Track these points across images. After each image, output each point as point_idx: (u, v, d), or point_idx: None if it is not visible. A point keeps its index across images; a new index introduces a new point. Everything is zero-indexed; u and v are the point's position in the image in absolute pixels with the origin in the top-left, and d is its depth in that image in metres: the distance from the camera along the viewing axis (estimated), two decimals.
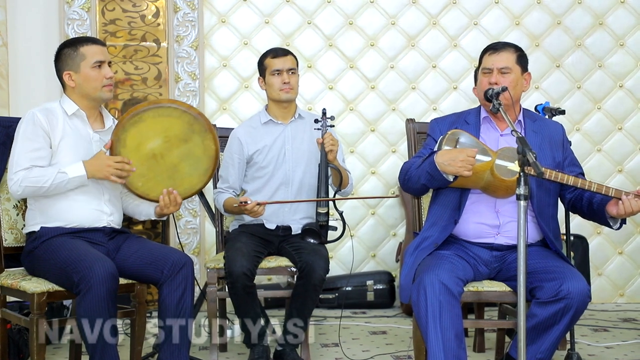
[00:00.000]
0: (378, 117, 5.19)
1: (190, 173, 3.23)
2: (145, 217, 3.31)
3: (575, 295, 2.81)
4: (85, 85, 3.12)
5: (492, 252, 3.08)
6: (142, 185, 3.16)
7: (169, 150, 3.17)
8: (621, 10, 5.24)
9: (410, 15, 5.19)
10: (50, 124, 3.07)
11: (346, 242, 4.96)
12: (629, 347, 4.00)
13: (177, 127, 3.17)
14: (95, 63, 3.11)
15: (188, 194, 3.27)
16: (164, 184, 3.17)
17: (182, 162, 3.20)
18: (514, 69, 3.10)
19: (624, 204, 2.89)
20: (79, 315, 2.87)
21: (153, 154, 3.15)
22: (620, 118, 5.27)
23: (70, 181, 3.01)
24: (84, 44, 3.14)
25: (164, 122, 3.16)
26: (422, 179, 3.02)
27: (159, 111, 3.16)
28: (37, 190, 3.00)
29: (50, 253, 3.00)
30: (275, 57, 3.70)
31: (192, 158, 3.21)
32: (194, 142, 3.20)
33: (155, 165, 3.16)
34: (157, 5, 4.89)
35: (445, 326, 2.80)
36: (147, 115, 3.13)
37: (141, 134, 3.13)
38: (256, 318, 3.55)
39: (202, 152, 3.22)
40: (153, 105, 3.19)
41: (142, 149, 3.13)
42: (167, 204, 3.18)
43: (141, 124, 3.12)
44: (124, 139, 3.10)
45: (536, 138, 3.12)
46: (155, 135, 3.15)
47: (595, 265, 5.19)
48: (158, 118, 3.15)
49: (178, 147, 3.18)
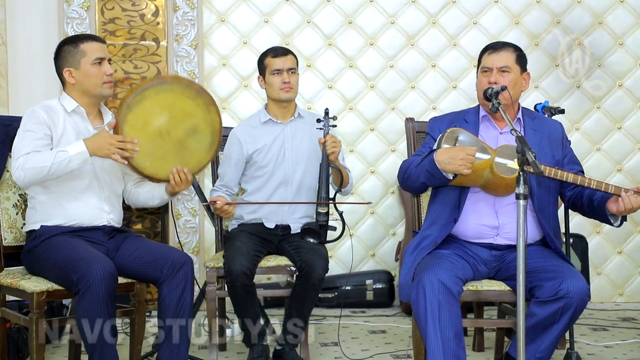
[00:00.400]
0: (377, 116, 5.19)
1: (197, 148, 3.22)
2: (159, 200, 3.28)
3: (574, 295, 2.81)
4: (85, 81, 3.11)
5: (491, 252, 3.08)
6: (151, 165, 3.12)
7: (175, 126, 3.15)
8: (620, 9, 5.24)
9: (410, 15, 5.19)
10: (51, 119, 3.07)
11: (345, 242, 4.95)
12: (628, 347, 4.00)
13: (181, 102, 3.15)
14: (96, 60, 3.11)
15: (196, 169, 3.26)
16: (172, 161, 3.15)
17: (188, 138, 3.18)
18: (513, 69, 3.11)
19: (623, 201, 2.89)
20: (78, 315, 2.87)
21: (159, 131, 3.13)
22: (620, 117, 5.27)
23: (72, 159, 2.94)
24: (84, 41, 3.14)
25: (168, 98, 3.13)
26: (421, 177, 3.02)
27: (162, 87, 3.14)
28: (40, 171, 2.93)
29: (49, 252, 3.00)
30: (276, 57, 3.70)
31: (198, 133, 3.20)
32: (199, 117, 3.19)
33: (162, 142, 3.14)
34: (157, 4, 4.89)
35: (445, 325, 2.80)
36: (150, 92, 3.11)
37: (146, 112, 3.10)
38: (255, 317, 3.55)
39: (207, 126, 3.22)
40: (156, 82, 3.18)
41: (149, 127, 3.10)
42: (178, 182, 3.16)
43: (145, 102, 3.10)
44: (129, 118, 3.06)
45: (535, 136, 3.12)
46: (161, 111, 3.12)
47: (595, 264, 5.19)
48: (162, 94, 3.12)
49: (183, 123, 3.16)
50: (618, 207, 2.91)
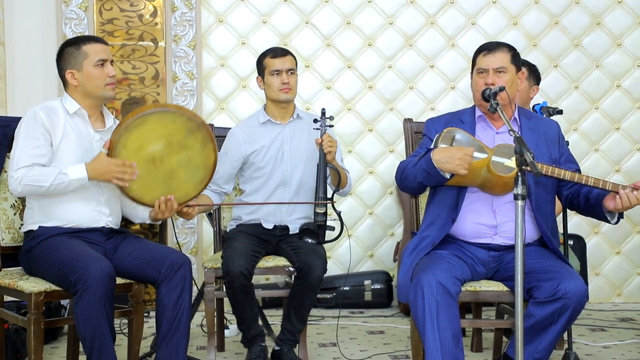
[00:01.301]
0: (376, 116, 5.20)
1: (187, 180, 3.20)
2: (141, 220, 3.30)
3: (572, 295, 2.81)
4: (88, 83, 3.11)
5: (489, 252, 3.08)
6: (137, 189, 3.11)
7: (169, 155, 3.14)
8: (618, 10, 5.25)
9: (408, 15, 5.19)
10: (51, 122, 3.06)
11: (344, 242, 4.96)
12: (626, 347, 4.00)
13: (180, 134, 3.14)
14: (98, 61, 3.10)
15: (182, 200, 3.23)
16: (159, 188, 3.15)
17: (179, 169, 3.17)
18: (509, 69, 3.11)
19: (621, 198, 2.89)
20: (76, 315, 2.87)
21: (153, 157, 3.12)
22: (618, 118, 5.27)
23: (71, 183, 2.99)
24: (87, 42, 3.13)
25: (168, 127, 3.12)
26: (418, 177, 3.02)
27: (164, 115, 3.12)
28: (37, 189, 2.98)
29: (47, 253, 2.99)
30: (275, 57, 3.69)
31: (191, 166, 3.18)
32: (194, 150, 3.17)
33: (154, 169, 3.13)
34: (155, 5, 4.89)
35: (443, 326, 2.80)
36: (151, 118, 3.09)
37: (143, 137, 3.09)
38: (254, 318, 3.55)
39: (201, 162, 3.20)
40: (159, 109, 3.16)
41: (143, 152, 3.09)
42: (162, 210, 3.16)
43: (145, 127, 3.08)
44: (125, 139, 3.06)
45: (532, 135, 3.12)
46: (158, 139, 3.11)
47: (593, 265, 5.19)
48: (162, 122, 3.11)
49: (178, 154, 3.15)
50: (615, 204, 2.92)
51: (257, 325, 3.58)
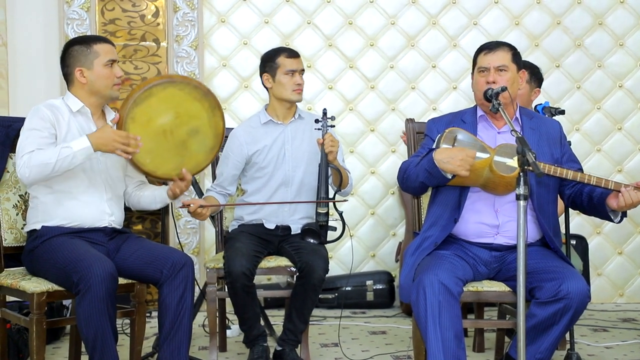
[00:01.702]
0: (378, 117, 5.20)
1: (198, 150, 3.21)
2: (162, 203, 3.27)
3: (574, 296, 2.81)
4: (97, 82, 3.11)
5: (491, 252, 3.08)
6: (150, 162, 3.11)
7: (179, 126, 3.14)
8: (621, 10, 5.25)
9: (410, 15, 5.19)
10: (56, 118, 3.07)
11: (346, 242, 4.96)
12: (628, 347, 4.00)
13: (187, 103, 3.14)
14: (108, 61, 3.12)
15: (194, 171, 3.25)
16: (172, 160, 3.15)
17: (190, 139, 3.18)
18: (510, 68, 3.11)
19: (623, 196, 2.89)
20: (78, 315, 2.87)
21: (163, 129, 3.12)
22: (620, 118, 5.27)
23: (76, 154, 2.94)
24: (97, 42, 3.15)
25: (175, 97, 3.12)
26: (420, 177, 3.01)
27: (170, 86, 3.12)
28: (45, 168, 2.92)
29: (50, 253, 3.00)
30: (290, 57, 3.69)
31: (200, 135, 3.19)
32: (203, 119, 3.18)
33: (164, 141, 3.13)
34: (157, 5, 4.89)
35: (445, 326, 2.80)
36: (158, 89, 3.09)
37: (152, 109, 3.09)
38: (256, 318, 3.55)
39: (210, 129, 3.21)
40: (165, 80, 3.16)
41: (152, 124, 3.09)
42: (179, 185, 3.16)
43: (152, 98, 3.08)
44: (134, 113, 3.05)
45: (534, 135, 3.12)
46: (166, 110, 3.12)
47: (595, 265, 5.19)
48: (169, 93, 3.11)
49: (187, 124, 3.15)
50: (618, 202, 2.91)
51: (259, 326, 3.58)
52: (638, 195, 2.89)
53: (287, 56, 3.69)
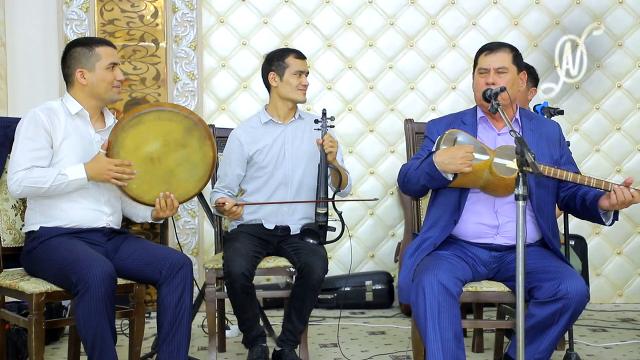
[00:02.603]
0: (377, 117, 5.20)
1: (186, 179, 3.21)
2: (142, 219, 3.32)
3: (573, 296, 2.81)
4: (98, 84, 3.12)
5: (490, 253, 3.08)
6: (137, 188, 3.13)
7: (167, 154, 3.16)
8: (619, 10, 5.25)
9: (409, 16, 5.19)
10: (52, 123, 3.07)
11: (345, 243, 4.96)
12: (627, 347, 4.00)
13: (177, 132, 3.16)
14: (110, 64, 3.13)
15: (182, 199, 3.25)
16: (158, 187, 3.16)
17: (178, 167, 3.19)
18: (511, 69, 3.11)
19: (615, 193, 2.89)
20: (77, 316, 2.87)
21: (150, 157, 3.14)
22: (619, 118, 5.27)
23: (70, 184, 3.01)
24: (99, 44, 3.16)
25: (165, 126, 3.14)
26: (421, 180, 3.01)
27: (160, 114, 3.15)
28: (36, 190, 3.00)
29: (48, 253, 2.99)
30: (299, 58, 3.71)
31: (189, 164, 3.20)
32: (192, 148, 3.19)
33: (152, 168, 3.14)
34: (156, 6, 4.89)
35: (444, 326, 2.80)
36: (148, 117, 3.12)
37: (140, 136, 3.11)
38: (255, 318, 3.55)
39: (200, 159, 3.21)
40: (155, 108, 3.17)
41: (140, 151, 3.12)
42: (163, 207, 3.17)
43: (141, 126, 3.11)
44: (123, 139, 3.08)
45: (533, 136, 3.12)
46: (155, 138, 3.14)
47: (594, 265, 5.19)
48: (159, 121, 3.13)
49: (176, 152, 3.17)
50: (610, 200, 2.91)
51: (258, 326, 3.58)
52: (630, 193, 2.88)
53: (296, 57, 3.71)
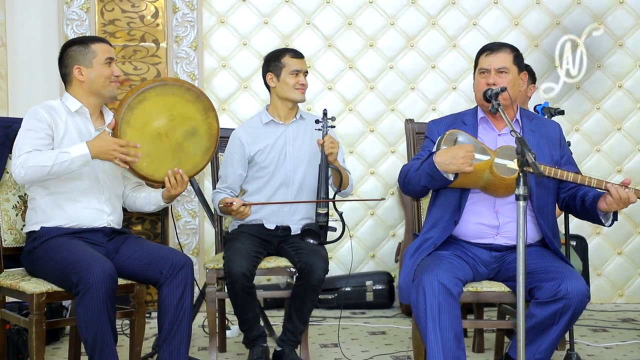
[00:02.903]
0: (377, 117, 5.20)
1: (194, 152, 3.22)
2: (155, 205, 3.28)
3: (573, 296, 2.81)
4: (96, 80, 3.12)
5: (491, 253, 3.08)
6: (147, 166, 3.12)
7: (174, 129, 3.16)
8: (620, 10, 5.25)
9: (410, 16, 5.19)
10: (53, 119, 3.07)
11: (345, 243, 4.96)
12: (628, 348, 4.00)
13: (181, 105, 3.16)
14: (107, 60, 3.13)
15: (192, 173, 3.26)
16: (168, 163, 3.16)
17: (186, 141, 3.19)
18: (511, 69, 3.11)
19: (611, 192, 2.88)
20: (78, 316, 2.87)
21: (158, 132, 3.13)
22: (620, 118, 5.27)
23: (73, 161, 2.94)
24: (94, 42, 3.16)
25: (168, 100, 3.14)
26: (422, 181, 3.01)
27: (163, 89, 3.15)
28: (40, 170, 2.93)
29: (49, 253, 2.99)
30: (295, 58, 3.71)
31: (196, 136, 3.21)
32: (197, 121, 3.20)
33: (160, 144, 3.14)
34: (156, 6, 4.89)
35: (445, 326, 2.80)
36: (151, 93, 3.12)
37: (146, 113, 3.10)
38: (255, 318, 3.55)
39: (205, 131, 3.23)
40: (157, 83, 3.17)
41: (148, 128, 3.11)
42: (174, 184, 3.16)
43: (146, 102, 3.10)
44: (129, 118, 3.07)
45: (533, 137, 3.12)
46: (161, 113, 3.13)
47: (595, 265, 5.19)
48: (162, 96, 3.13)
49: (182, 126, 3.17)
50: (607, 200, 2.90)
51: (258, 326, 3.58)
52: (626, 193, 2.88)
53: (293, 56, 3.70)
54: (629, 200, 2.89)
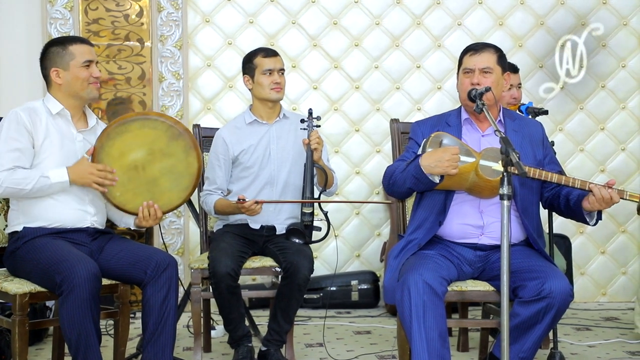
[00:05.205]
0: (362, 117, 5.20)
1: (170, 188, 3.20)
2: (125, 225, 3.29)
3: (557, 295, 2.82)
4: (73, 83, 3.11)
5: (475, 252, 3.09)
6: (120, 196, 3.13)
7: (151, 163, 3.15)
8: (603, 11, 5.28)
9: (395, 16, 5.20)
10: (33, 123, 3.05)
11: (330, 242, 4.96)
12: (610, 346, 4.02)
13: (162, 141, 3.16)
14: (85, 62, 3.11)
15: (165, 209, 3.23)
16: (142, 196, 3.15)
17: (163, 177, 3.18)
18: (495, 69, 3.12)
19: (593, 193, 2.90)
20: (61, 317, 2.85)
21: (135, 165, 3.13)
22: (603, 118, 5.31)
23: (52, 186, 3.01)
24: (73, 43, 3.14)
25: (150, 135, 3.14)
26: (407, 183, 3.02)
27: (146, 123, 3.16)
28: (18, 192, 2.99)
29: (32, 254, 2.98)
30: (267, 57, 3.70)
31: (174, 173, 3.19)
32: (177, 158, 3.18)
33: (136, 176, 3.14)
34: (141, 5, 4.87)
35: (429, 326, 2.81)
36: (133, 125, 3.13)
37: (125, 144, 3.11)
38: (240, 318, 3.54)
39: (184, 169, 3.20)
40: (141, 117, 3.19)
41: (125, 159, 3.11)
42: (146, 217, 3.15)
43: (127, 134, 3.12)
44: (108, 147, 3.09)
45: (517, 137, 3.13)
46: (140, 146, 3.14)
47: (578, 264, 5.22)
48: (144, 129, 3.14)
49: (161, 161, 3.16)
50: (590, 200, 2.93)
51: (243, 326, 3.58)
52: (609, 193, 2.90)
53: (264, 56, 3.70)
54: (612, 200, 2.91)
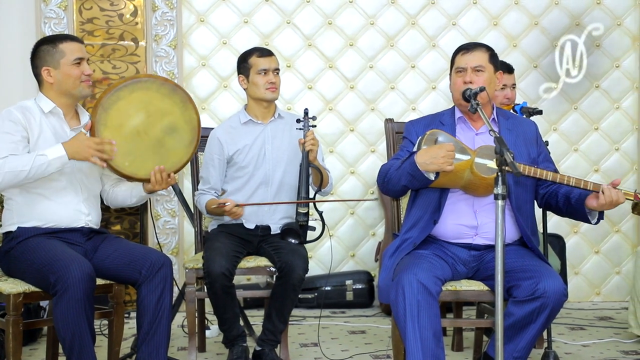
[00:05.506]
0: (357, 117, 5.20)
1: (175, 146, 3.20)
2: (137, 197, 3.26)
3: (551, 294, 2.83)
4: (64, 81, 3.09)
5: (470, 252, 3.09)
6: (129, 165, 3.11)
7: (152, 125, 3.14)
8: (597, 11, 5.29)
9: (389, 16, 5.20)
10: (27, 120, 3.04)
11: (325, 242, 4.96)
12: (604, 346, 4.04)
13: (157, 101, 3.14)
14: (75, 60, 3.10)
15: (176, 167, 3.24)
16: (151, 160, 3.14)
17: (166, 136, 3.17)
18: (487, 68, 3.13)
19: (604, 194, 2.92)
20: (55, 317, 2.85)
21: (137, 130, 3.11)
22: (597, 118, 5.32)
23: (51, 163, 2.93)
24: (63, 41, 3.12)
25: (144, 97, 3.12)
26: (402, 180, 3.02)
27: (136, 86, 3.12)
28: (18, 175, 2.91)
29: (26, 254, 2.97)
30: (262, 57, 3.70)
31: (176, 131, 3.19)
32: (175, 114, 3.18)
33: (140, 142, 3.12)
34: (135, 4, 4.86)
35: (424, 325, 2.81)
36: (125, 91, 3.10)
37: (122, 112, 3.08)
38: (235, 318, 3.54)
39: (185, 124, 3.21)
40: (130, 81, 3.15)
41: (125, 128, 3.09)
42: (159, 180, 3.15)
43: (121, 102, 3.08)
44: (105, 119, 3.05)
45: (510, 136, 3.14)
46: (137, 111, 3.11)
47: (572, 264, 5.23)
48: (137, 93, 3.11)
49: (161, 121, 3.15)
50: (599, 201, 2.94)
51: (238, 326, 3.58)
52: (618, 193, 2.92)
53: (259, 55, 3.70)
54: (619, 201, 2.92)
